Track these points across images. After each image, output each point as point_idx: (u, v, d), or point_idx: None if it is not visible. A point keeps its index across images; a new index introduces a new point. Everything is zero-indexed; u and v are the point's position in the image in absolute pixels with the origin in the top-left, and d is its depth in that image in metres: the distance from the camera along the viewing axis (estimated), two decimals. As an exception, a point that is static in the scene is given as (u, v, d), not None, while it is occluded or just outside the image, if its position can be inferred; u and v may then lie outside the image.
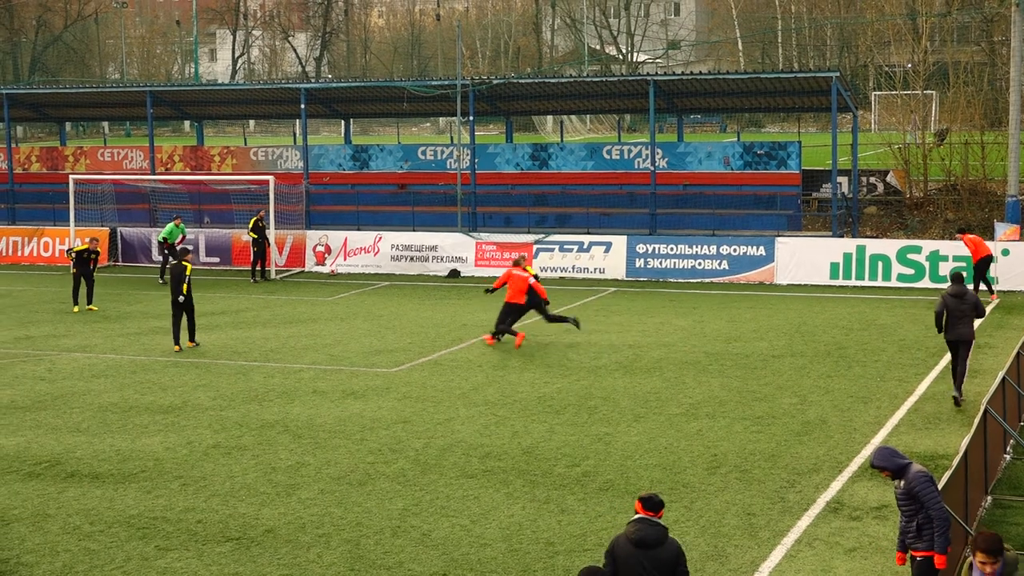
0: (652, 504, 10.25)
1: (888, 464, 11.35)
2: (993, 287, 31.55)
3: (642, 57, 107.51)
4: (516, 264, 27.40)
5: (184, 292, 26.16)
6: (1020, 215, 35.85)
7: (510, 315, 26.52)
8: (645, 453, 17.87)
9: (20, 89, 51.49)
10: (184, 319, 26.56)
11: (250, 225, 37.39)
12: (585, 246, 36.80)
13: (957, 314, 20.48)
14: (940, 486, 12.27)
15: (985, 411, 14.63)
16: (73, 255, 32.74)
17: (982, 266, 30.62)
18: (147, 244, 41.09)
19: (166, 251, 36.76)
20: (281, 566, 13.76)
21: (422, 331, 28.26)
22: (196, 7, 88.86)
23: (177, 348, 26.48)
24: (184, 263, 26.62)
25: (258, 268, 37.52)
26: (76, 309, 32.27)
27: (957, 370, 20.76)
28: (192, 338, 26.85)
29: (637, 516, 10.23)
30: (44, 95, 50.66)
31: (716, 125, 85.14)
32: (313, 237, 39.70)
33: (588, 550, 14.06)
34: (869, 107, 70.35)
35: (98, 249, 33.12)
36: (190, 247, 38.00)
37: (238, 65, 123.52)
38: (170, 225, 37.09)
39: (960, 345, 20.60)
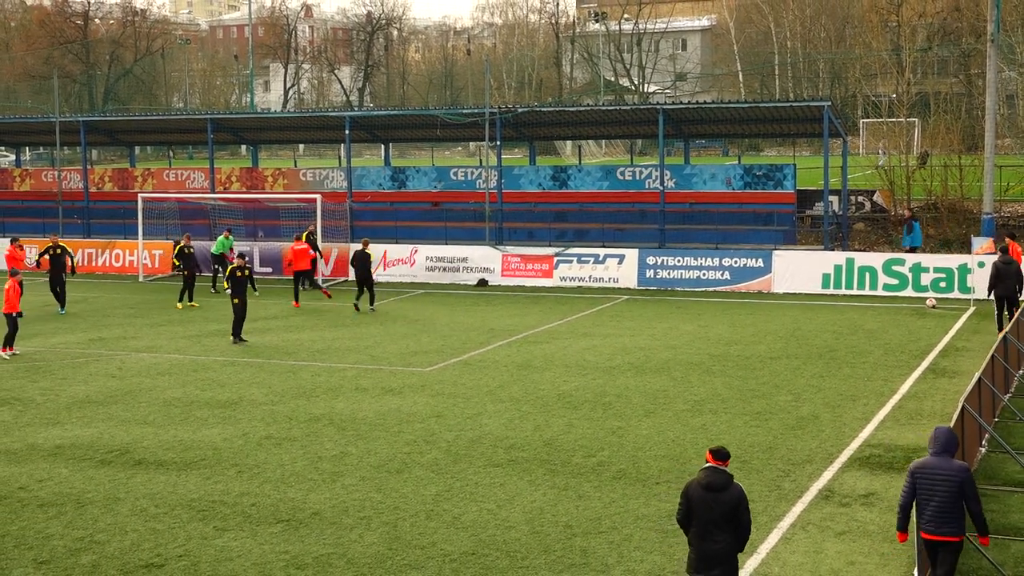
0: (720, 455, 10.86)
1: (930, 446, 11.55)
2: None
3: (652, 88, 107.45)
4: (298, 239, 34.49)
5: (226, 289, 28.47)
6: (995, 231, 35.63)
7: (303, 276, 34.04)
8: (655, 445, 17.83)
9: (95, 117, 51.76)
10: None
11: (303, 239, 37.44)
12: (600, 258, 36.74)
13: (1004, 275, 25.77)
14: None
15: (963, 408, 14.54)
16: (177, 260, 33.43)
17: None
18: (207, 256, 41.18)
19: (216, 265, 36.88)
20: (326, 545, 13.78)
21: (453, 334, 28.26)
22: (252, 43, 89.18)
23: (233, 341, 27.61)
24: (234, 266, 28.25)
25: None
26: (180, 306, 32.88)
27: (1002, 316, 25.78)
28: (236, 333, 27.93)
29: (707, 465, 10.84)
30: (116, 122, 50.92)
31: (719, 149, 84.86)
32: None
33: (603, 532, 14.03)
34: (858, 133, 70.13)
35: (190, 244, 33.92)
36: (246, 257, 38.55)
37: (289, 95, 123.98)
38: (220, 238, 37.18)
39: (1005, 299, 25.92)
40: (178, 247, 34.22)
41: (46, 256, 33.26)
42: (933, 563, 11.44)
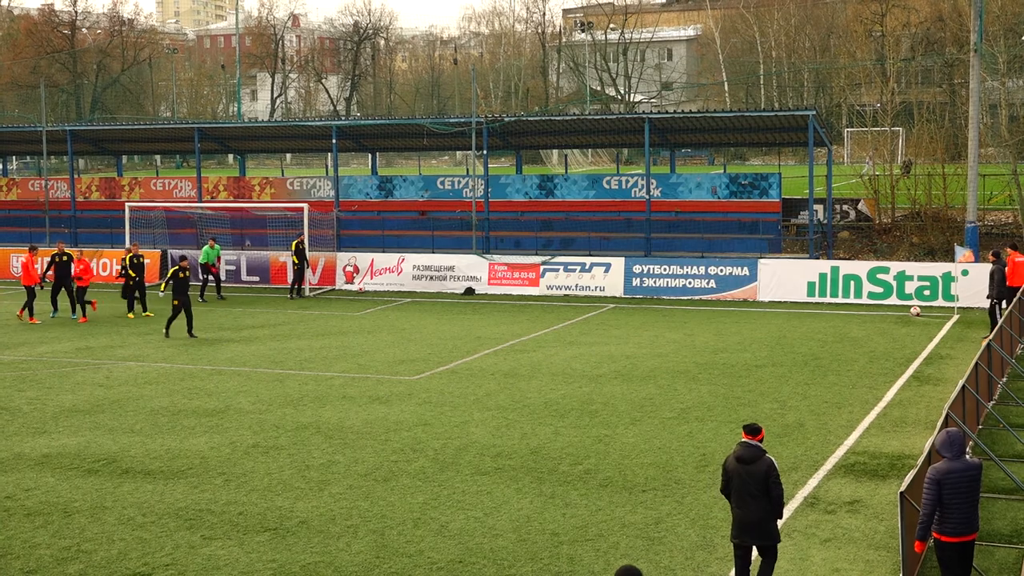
0: (751, 430, 11.88)
1: (946, 451, 11.46)
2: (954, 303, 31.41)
3: (638, 97, 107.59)
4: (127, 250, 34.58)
5: (162, 290, 30.74)
6: (978, 239, 35.79)
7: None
8: (641, 453, 17.84)
9: (82, 126, 51.59)
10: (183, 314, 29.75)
11: (292, 248, 37.46)
12: (587, 267, 36.78)
13: (999, 278, 26.63)
14: (906, 483, 12.28)
15: (947, 415, 14.59)
16: (125, 268, 33.57)
17: (1011, 292, 27.29)
18: (195, 264, 41.11)
19: (204, 275, 36.82)
20: (313, 554, 13.76)
21: (440, 343, 28.25)
22: (239, 53, 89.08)
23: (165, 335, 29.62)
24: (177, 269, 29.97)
25: (296, 285, 37.53)
26: (131, 316, 32.94)
27: (996, 316, 26.10)
28: (189, 331, 29.67)
29: (741, 440, 11.86)
30: (103, 131, 50.81)
31: (705, 158, 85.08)
32: (343, 258, 39.72)
33: (590, 540, 14.04)
34: (842, 142, 70.34)
35: (140, 253, 33.71)
36: (233, 267, 38.61)
37: (276, 104, 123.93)
38: (205, 247, 37.13)
39: (1004, 297, 26.42)
40: (127, 256, 34.12)
41: (53, 264, 33.47)
42: (951, 566, 11.38)
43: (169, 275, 30.12)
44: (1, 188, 50.73)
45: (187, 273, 29.96)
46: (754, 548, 11.91)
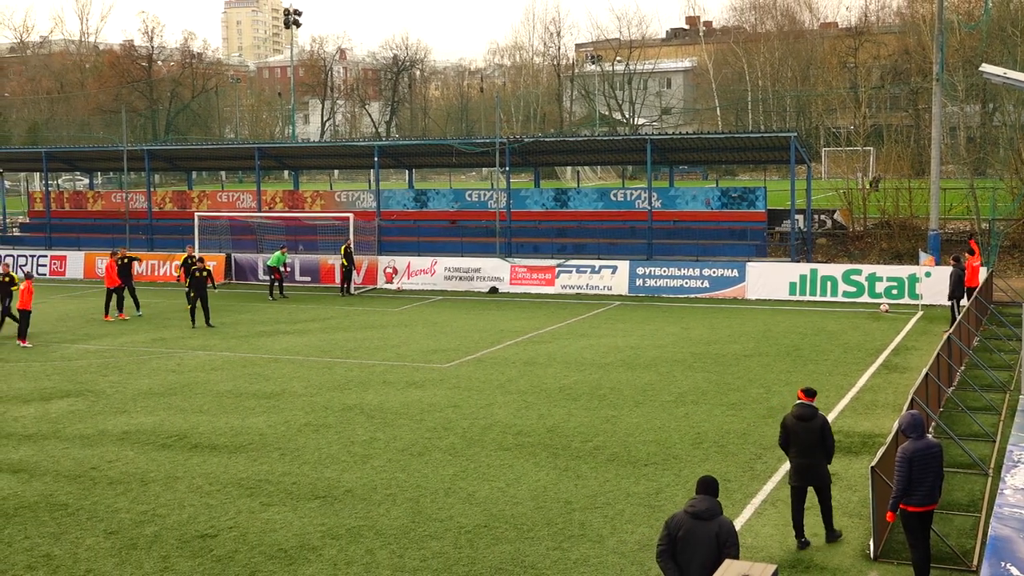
0: (809, 393, 12.60)
1: (911, 432, 11.34)
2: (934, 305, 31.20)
3: (641, 120, 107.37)
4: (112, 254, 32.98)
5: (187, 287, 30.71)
6: (940, 246, 35.58)
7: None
8: (643, 432, 17.80)
9: (157, 146, 51.79)
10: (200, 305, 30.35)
11: (342, 252, 37.48)
12: (596, 268, 36.71)
13: (957, 279, 26.83)
14: (877, 458, 12.21)
15: (912, 399, 14.51)
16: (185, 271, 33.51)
17: (967, 291, 27.52)
18: (255, 266, 41.27)
19: (270, 276, 36.83)
20: (357, 519, 13.77)
21: (468, 335, 28.24)
22: (294, 82, 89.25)
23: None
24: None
25: (345, 285, 37.57)
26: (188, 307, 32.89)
27: (955, 313, 26.27)
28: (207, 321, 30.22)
29: (798, 401, 12.55)
30: (176, 151, 51.02)
31: (699, 174, 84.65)
32: (383, 261, 39.75)
33: (598, 507, 14.01)
34: (820, 160, 69.98)
35: (194, 254, 33.38)
36: (288, 268, 38.54)
37: (326, 127, 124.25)
38: (277, 253, 37.10)
39: (962, 296, 26.77)
40: (184, 259, 33.89)
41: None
42: (915, 532, 11.28)
43: (188, 275, 30.80)
44: (88, 199, 51.05)
45: (202, 273, 30.39)
46: (810, 489, 12.64)
